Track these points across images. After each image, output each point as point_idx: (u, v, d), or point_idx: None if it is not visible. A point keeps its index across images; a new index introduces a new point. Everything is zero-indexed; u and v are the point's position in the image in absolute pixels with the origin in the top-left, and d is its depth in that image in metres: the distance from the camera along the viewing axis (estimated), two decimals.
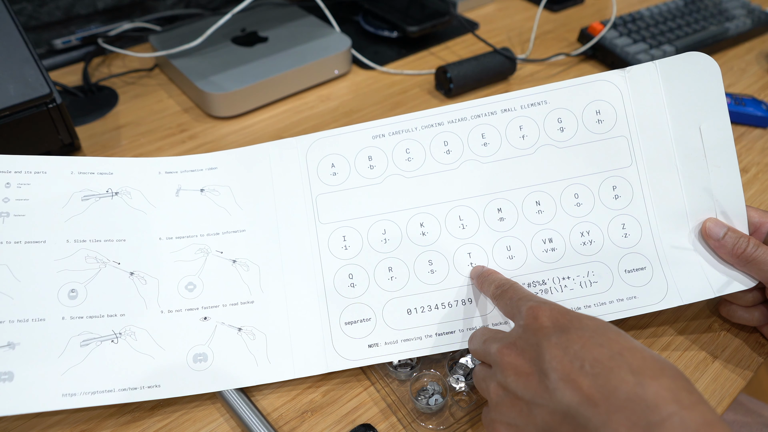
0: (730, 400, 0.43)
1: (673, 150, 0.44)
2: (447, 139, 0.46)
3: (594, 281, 0.43)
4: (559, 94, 0.46)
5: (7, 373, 0.38)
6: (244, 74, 0.70)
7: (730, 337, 0.47)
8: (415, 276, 0.44)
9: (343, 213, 0.46)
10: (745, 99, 0.71)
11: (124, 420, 0.42)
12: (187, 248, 0.45)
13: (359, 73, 0.78)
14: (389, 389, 0.43)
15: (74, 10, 0.79)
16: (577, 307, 0.43)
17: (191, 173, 0.48)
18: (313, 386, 0.44)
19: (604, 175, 0.44)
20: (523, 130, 0.45)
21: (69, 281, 0.42)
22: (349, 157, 0.46)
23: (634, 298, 0.42)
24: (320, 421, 0.42)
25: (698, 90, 0.44)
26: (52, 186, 0.44)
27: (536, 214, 0.44)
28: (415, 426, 0.41)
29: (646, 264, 0.43)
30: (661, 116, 0.44)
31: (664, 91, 0.44)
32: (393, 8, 0.83)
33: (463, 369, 0.43)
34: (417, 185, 0.45)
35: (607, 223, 0.44)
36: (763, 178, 0.62)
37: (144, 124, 0.69)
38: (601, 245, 0.43)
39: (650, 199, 0.44)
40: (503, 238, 0.44)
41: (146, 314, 0.43)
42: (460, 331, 0.43)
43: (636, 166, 0.44)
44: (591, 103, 0.45)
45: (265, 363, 0.43)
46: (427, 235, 0.44)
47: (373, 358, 0.43)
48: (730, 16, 0.86)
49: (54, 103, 0.58)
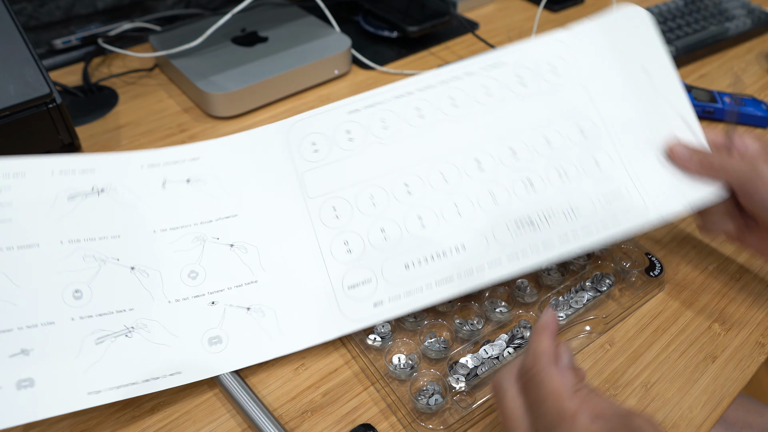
0: (730, 400, 0.43)
1: (625, 88, 0.49)
2: (418, 105, 0.49)
3: (577, 212, 0.46)
4: (515, 55, 0.50)
5: (27, 379, 0.37)
6: (244, 74, 0.70)
7: (730, 337, 0.47)
8: (407, 232, 0.46)
9: (329, 185, 0.47)
10: (745, 99, 0.71)
11: (124, 420, 0.42)
12: (183, 238, 0.46)
13: (359, 73, 0.78)
14: (389, 389, 0.43)
15: (74, 10, 0.79)
16: (565, 234, 0.45)
17: (174, 165, 0.48)
18: (313, 386, 0.44)
19: (568, 117, 0.48)
20: (488, 89, 0.49)
21: (71, 282, 0.42)
22: (327, 134, 0.48)
23: (617, 223, 0.45)
24: (320, 421, 0.42)
25: (635, 35, 0.49)
26: (35, 188, 0.44)
27: (513, 160, 0.47)
28: (415, 426, 0.41)
29: (622, 190, 0.46)
30: (608, 62, 0.50)
31: (606, 40, 0.50)
32: (393, 8, 0.83)
33: (463, 369, 0.43)
34: (396, 150, 0.48)
35: (579, 158, 0.47)
36: None
37: (144, 124, 0.69)
38: (577, 179, 0.47)
39: (614, 131, 0.48)
40: (485, 185, 0.46)
41: (154, 306, 0.43)
42: (457, 277, 0.44)
43: (595, 105, 0.49)
44: (545, 58, 0.50)
45: (279, 336, 0.44)
46: (412, 194, 0.46)
47: (381, 316, 0.44)
48: (730, 16, 0.86)
49: (54, 103, 0.58)
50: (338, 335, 0.44)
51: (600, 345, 0.46)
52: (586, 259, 0.51)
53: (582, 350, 0.46)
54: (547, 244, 0.45)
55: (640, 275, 0.50)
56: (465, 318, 0.47)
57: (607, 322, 0.47)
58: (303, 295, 0.45)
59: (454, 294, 0.44)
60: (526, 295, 0.49)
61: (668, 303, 0.49)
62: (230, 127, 0.69)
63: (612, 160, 0.47)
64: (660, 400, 0.43)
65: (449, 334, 0.46)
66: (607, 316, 0.47)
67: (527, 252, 0.45)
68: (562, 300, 0.48)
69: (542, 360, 0.34)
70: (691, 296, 0.50)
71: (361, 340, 0.45)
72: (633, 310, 0.49)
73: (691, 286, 0.51)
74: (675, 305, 0.49)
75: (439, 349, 0.45)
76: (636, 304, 0.49)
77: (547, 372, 0.33)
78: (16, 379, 0.37)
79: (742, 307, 0.49)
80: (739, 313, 0.49)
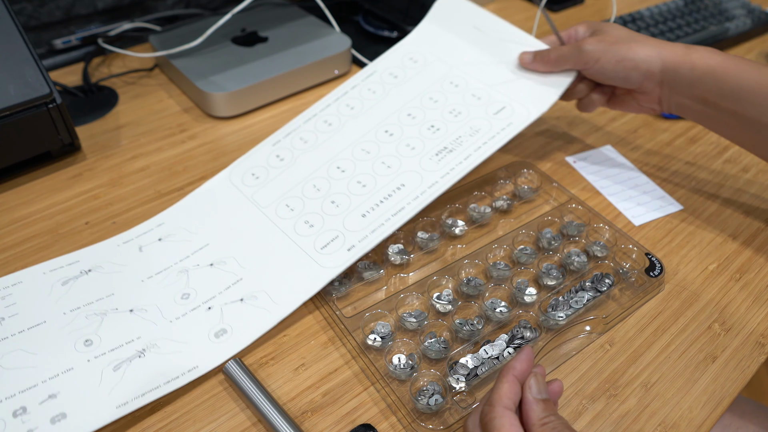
0: (730, 400, 0.43)
1: (468, 44, 0.65)
2: (325, 119, 0.62)
3: (479, 131, 0.58)
4: (381, 64, 0.66)
5: (60, 414, 0.41)
6: (244, 74, 0.70)
7: (730, 337, 0.47)
8: (354, 195, 0.55)
9: (277, 194, 0.57)
10: None
11: (124, 420, 0.42)
12: (169, 276, 0.51)
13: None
14: (389, 389, 0.43)
15: (74, 10, 0.79)
16: (479, 147, 0.56)
17: (144, 234, 0.55)
18: (313, 386, 0.44)
19: (439, 81, 0.63)
20: (371, 90, 0.63)
21: (80, 336, 0.46)
22: (261, 163, 0.59)
23: (512, 126, 0.57)
24: (320, 421, 0.42)
25: (457, 9, 0.66)
26: (32, 287, 0.49)
27: (411, 120, 0.60)
28: (415, 426, 0.41)
29: (504, 105, 0.60)
30: (447, 36, 0.66)
31: (438, 25, 0.67)
32: (393, 8, 0.83)
33: (463, 369, 0.43)
34: (320, 151, 0.59)
35: (461, 99, 0.61)
36: (763, 178, 0.62)
37: (144, 124, 0.69)
38: (467, 112, 0.60)
39: (476, 73, 0.63)
40: (399, 143, 0.59)
41: (158, 329, 0.47)
42: (407, 205, 0.53)
43: (454, 65, 0.64)
44: (403, 57, 0.66)
45: (275, 307, 0.48)
46: (346, 171, 0.57)
47: (357, 255, 0.50)
48: (730, 16, 0.86)
49: (54, 103, 0.58)
50: (328, 282, 0.49)
51: (600, 345, 0.46)
52: (585, 260, 0.51)
53: (582, 350, 0.46)
54: (468, 157, 0.56)
55: (640, 275, 0.50)
56: (465, 318, 0.47)
57: (607, 322, 0.47)
58: (285, 270, 0.50)
59: (411, 216, 0.52)
60: (526, 295, 0.49)
61: (668, 303, 0.49)
62: (230, 127, 0.69)
63: (485, 91, 0.61)
64: (660, 401, 0.43)
65: (449, 334, 0.46)
66: (607, 316, 0.47)
67: (455, 168, 0.55)
68: (562, 300, 0.48)
69: (498, 405, 0.35)
70: (691, 296, 0.50)
71: (361, 340, 0.45)
72: (633, 310, 0.49)
73: (691, 286, 0.51)
74: (675, 305, 0.49)
75: (439, 349, 0.45)
76: (636, 304, 0.49)
77: (502, 417, 0.34)
78: (49, 417, 0.40)
79: (742, 307, 0.49)
80: (739, 313, 0.49)
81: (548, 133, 0.69)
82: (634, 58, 0.54)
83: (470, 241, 0.55)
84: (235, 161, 0.60)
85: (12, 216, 0.57)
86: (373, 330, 0.46)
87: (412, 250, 0.54)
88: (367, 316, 0.47)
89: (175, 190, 0.60)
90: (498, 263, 0.52)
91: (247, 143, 0.66)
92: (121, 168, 0.63)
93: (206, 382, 0.44)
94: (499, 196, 0.59)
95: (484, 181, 0.61)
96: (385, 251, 0.52)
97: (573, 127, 0.70)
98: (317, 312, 0.49)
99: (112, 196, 0.59)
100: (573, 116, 0.72)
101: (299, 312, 0.49)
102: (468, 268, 0.52)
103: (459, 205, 0.57)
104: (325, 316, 0.49)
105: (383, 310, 0.47)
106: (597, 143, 0.67)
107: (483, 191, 0.59)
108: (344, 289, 0.50)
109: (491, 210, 0.57)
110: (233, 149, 0.66)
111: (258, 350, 0.46)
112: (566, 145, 0.67)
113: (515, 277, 0.51)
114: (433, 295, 0.49)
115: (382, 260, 0.52)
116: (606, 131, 0.69)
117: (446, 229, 0.55)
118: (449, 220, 0.56)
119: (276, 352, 0.46)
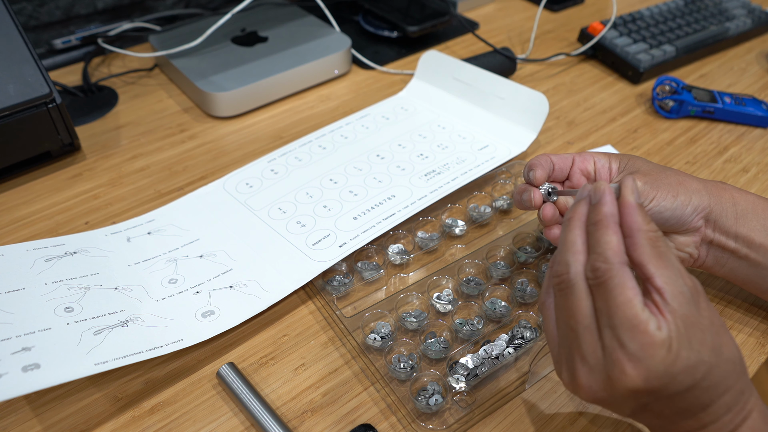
0: None
1: (450, 94, 0.70)
2: (320, 144, 0.65)
3: (465, 160, 0.61)
4: (375, 109, 0.70)
5: (32, 364, 0.39)
6: (244, 74, 0.70)
7: None
8: (346, 201, 0.57)
9: (269, 199, 0.58)
10: (745, 99, 0.71)
11: (123, 420, 0.42)
12: (157, 263, 0.50)
13: (359, 73, 0.78)
14: (389, 389, 0.43)
15: (74, 10, 0.79)
16: (465, 173, 0.60)
17: (133, 228, 0.55)
18: (313, 386, 0.44)
19: (428, 123, 0.68)
20: (365, 126, 0.68)
21: (61, 303, 0.44)
22: (256, 176, 0.61)
23: (493, 158, 0.61)
24: (320, 421, 0.42)
25: (438, 64, 0.71)
26: (14, 260, 0.48)
27: (402, 149, 0.64)
28: (415, 426, 0.41)
29: (487, 143, 0.64)
30: (433, 88, 0.71)
31: (424, 80, 0.72)
32: (393, 8, 0.83)
33: (463, 369, 0.43)
34: (315, 167, 0.62)
35: (448, 137, 0.66)
36: (763, 178, 0.62)
37: (144, 124, 0.69)
38: (453, 146, 0.64)
39: (461, 118, 0.68)
40: (390, 165, 0.62)
41: (143, 306, 0.46)
42: (398, 212, 0.55)
43: (440, 111, 0.69)
44: (395, 105, 0.71)
45: (265, 294, 0.48)
46: (338, 183, 0.59)
47: (348, 251, 0.51)
48: (730, 16, 0.86)
49: (54, 103, 0.58)
50: (319, 272, 0.49)
51: None
52: None
53: None
54: (455, 179, 0.58)
55: None
56: (465, 318, 0.47)
57: None
58: (276, 263, 0.51)
59: (400, 221, 0.54)
60: (526, 295, 0.49)
61: None
62: (230, 127, 0.69)
63: (470, 131, 0.66)
64: None
65: (449, 334, 0.46)
66: None
67: (443, 187, 0.57)
68: None
69: (614, 261, 0.31)
70: None
71: (361, 340, 0.45)
72: None
73: None
74: None
75: (439, 349, 0.45)
76: None
77: (620, 277, 0.30)
78: (21, 366, 0.39)
79: (742, 307, 0.49)
80: (739, 313, 0.49)
81: (548, 133, 0.69)
82: (686, 191, 0.44)
83: (470, 241, 0.55)
84: (229, 173, 0.61)
85: (12, 216, 0.57)
86: (373, 330, 0.46)
87: (412, 250, 0.54)
88: (367, 316, 0.47)
89: (174, 190, 0.60)
90: (498, 263, 0.52)
91: (247, 143, 0.66)
92: (120, 168, 0.63)
93: (206, 382, 0.44)
94: (499, 196, 0.59)
95: (484, 181, 0.61)
96: (385, 251, 0.52)
97: (573, 127, 0.70)
98: (317, 312, 0.49)
99: (111, 196, 0.59)
100: (573, 116, 0.72)
101: (299, 312, 0.49)
102: (468, 268, 0.52)
103: (459, 205, 0.57)
104: (325, 316, 0.49)
105: (383, 310, 0.47)
106: (597, 143, 0.67)
107: (483, 191, 0.59)
108: (344, 288, 0.50)
109: (491, 210, 0.57)
110: (233, 149, 0.66)
111: (258, 350, 0.46)
112: (566, 145, 0.67)
113: (515, 277, 0.51)
114: (433, 295, 0.49)
115: (382, 260, 0.52)
116: (606, 131, 0.69)
117: (446, 229, 0.55)
118: (449, 220, 0.56)
119: (276, 352, 0.46)
